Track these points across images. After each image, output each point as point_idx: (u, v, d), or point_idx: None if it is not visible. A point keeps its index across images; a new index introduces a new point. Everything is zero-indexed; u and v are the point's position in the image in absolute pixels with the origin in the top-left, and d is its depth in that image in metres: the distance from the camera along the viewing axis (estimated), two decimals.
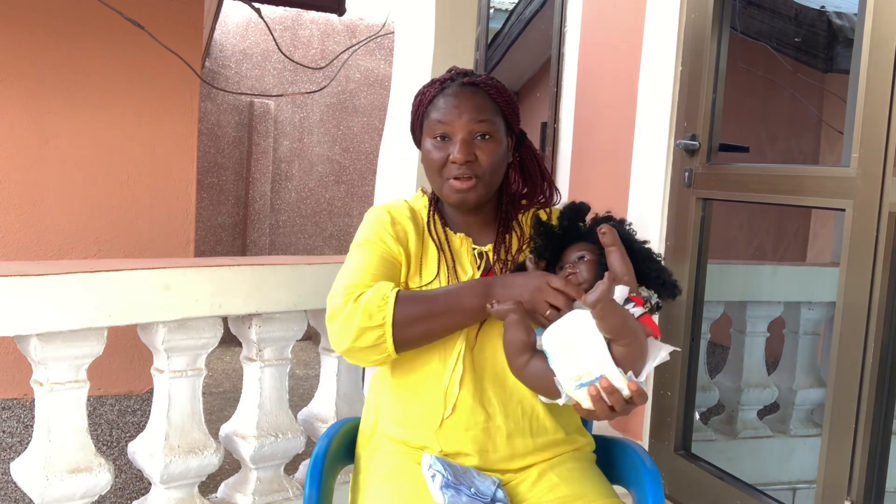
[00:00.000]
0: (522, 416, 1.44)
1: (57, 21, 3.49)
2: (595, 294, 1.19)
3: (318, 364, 2.32)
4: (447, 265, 1.48)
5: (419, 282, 1.47)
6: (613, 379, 1.21)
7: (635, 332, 1.23)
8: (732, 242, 4.53)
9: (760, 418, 2.96)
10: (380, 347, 1.36)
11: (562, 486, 1.42)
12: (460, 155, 1.42)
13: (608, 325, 1.21)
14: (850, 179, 1.86)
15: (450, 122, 1.44)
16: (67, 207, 3.56)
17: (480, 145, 1.44)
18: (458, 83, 1.48)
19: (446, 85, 1.48)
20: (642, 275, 1.33)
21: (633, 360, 1.23)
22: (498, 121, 1.47)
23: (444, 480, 1.31)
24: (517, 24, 5.30)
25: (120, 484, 3.47)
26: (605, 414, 1.24)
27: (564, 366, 1.24)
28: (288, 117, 6.79)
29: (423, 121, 1.49)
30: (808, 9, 4.39)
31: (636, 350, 1.23)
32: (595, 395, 1.22)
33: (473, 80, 1.48)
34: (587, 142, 3.09)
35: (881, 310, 1.78)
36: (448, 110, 1.44)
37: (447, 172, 1.45)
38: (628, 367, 1.22)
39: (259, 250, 6.67)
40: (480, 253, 1.51)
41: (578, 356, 1.22)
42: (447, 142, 1.45)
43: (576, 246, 1.39)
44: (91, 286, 1.72)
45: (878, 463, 1.83)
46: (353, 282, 1.41)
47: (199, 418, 1.98)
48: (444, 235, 1.51)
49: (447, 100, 1.45)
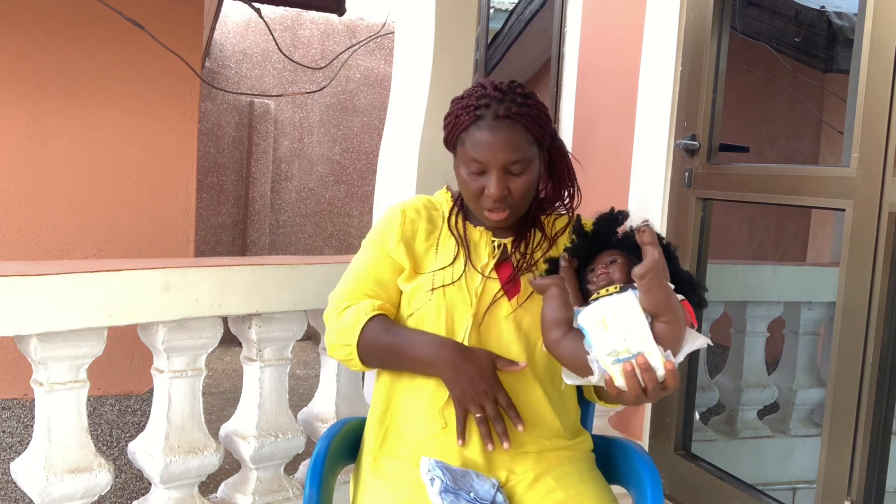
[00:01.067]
0: (522, 409, 1.44)
1: (57, 21, 3.49)
2: (644, 266, 1.21)
3: (318, 364, 2.32)
4: (464, 253, 1.52)
5: (432, 266, 1.51)
6: (651, 356, 1.22)
7: (677, 310, 1.25)
8: (732, 242, 4.53)
9: (760, 418, 2.96)
10: (350, 362, 1.51)
11: (558, 490, 1.42)
12: (496, 192, 1.44)
13: (653, 299, 1.22)
14: (850, 179, 1.86)
15: (485, 161, 1.44)
16: (67, 207, 3.56)
17: (514, 179, 1.45)
18: (493, 114, 1.43)
19: (481, 114, 1.44)
20: (674, 275, 1.34)
21: (673, 339, 1.24)
22: (531, 150, 1.46)
23: (442, 485, 1.31)
24: (517, 24, 5.29)
25: (120, 484, 3.47)
26: (635, 393, 1.24)
27: (602, 342, 1.24)
28: (288, 117, 6.79)
29: (457, 144, 1.49)
30: (808, 9, 4.39)
31: (676, 329, 1.24)
32: (630, 371, 1.23)
33: (509, 113, 1.43)
34: (587, 142, 3.09)
35: (881, 310, 1.78)
36: (483, 149, 1.43)
37: (483, 203, 1.47)
38: (667, 346, 1.23)
39: (259, 250, 6.67)
40: (499, 245, 1.53)
41: (618, 332, 1.23)
42: (482, 175, 1.46)
43: (608, 252, 1.40)
44: (91, 286, 1.72)
45: (878, 463, 1.83)
46: (346, 289, 1.54)
47: (199, 418, 1.98)
48: (464, 228, 1.56)
49: (482, 135, 1.43)
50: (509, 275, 1.51)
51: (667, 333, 1.23)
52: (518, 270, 1.50)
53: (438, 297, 1.47)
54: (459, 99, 1.49)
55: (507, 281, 1.50)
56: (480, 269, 1.50)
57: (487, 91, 1.45)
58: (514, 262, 1.52)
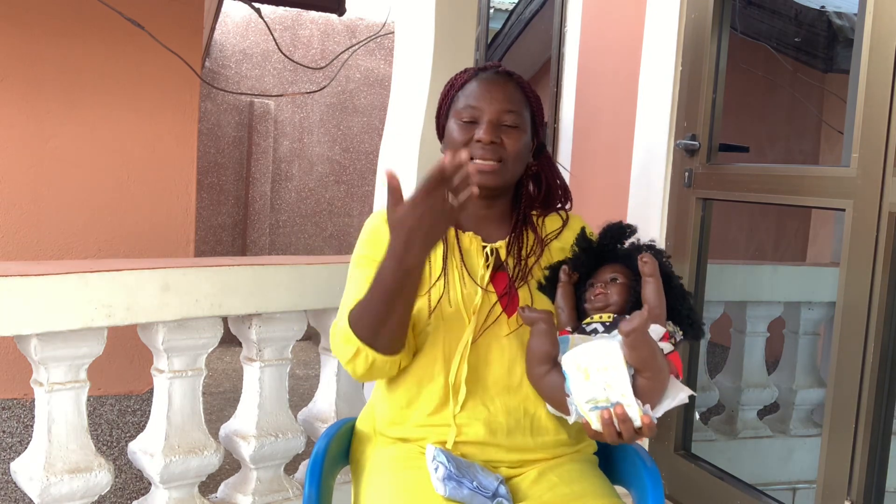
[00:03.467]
0: (524, 415, 1.44)
1: (57, 21, 3.49)
2: (631, 324, 1.18)
3: (318, 364, 2.32)
4: (456, 264, 1.47)
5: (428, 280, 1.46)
6: (629, 409, 1.21)
7: (662, 368, 1.23)
8: (732, 242, 4.53)
9: (760, 418, 2.96)
10: (375, 364, 1.38)
11: (562, 485, 1.42)
12: (486, 135, 1.42)
13: (637, 356, 1.20)
14: (850, 179, 1.86)
15: (479, 107, 1.44)
16: (67, 207, 3.56)
17: (507, 132, 1.45)
18: (491, 72, 1.50)
19: (479, 73, 1.50)
20: (673, 310, 1.32)
21: (653, 394, 1.23)
22: (526, 115, 1.49)
23: (446, 472, 1.31)
24: (517, 24, 5.29)
25: (120, 484, 3.47)
26: (612, 438, 1.25)
27: (582, 390, 1.23)
28: (288, 117, 6.79)
29: (451, 106, 1.49)
30: (808, 9, 4.39)
31: (658, 385, 1.23)
32: (607, 419, 1.23)
33: (506, 70, 1.50)
34: (587, 142, 3.09)
35: (881, 310, 1.78)
36: (479, 95, 1.45)
37: (472, 151, 1.42)
38: (647, 401, 1.22)
39: (259, 250, 6.67)
40: (492, 251, 1.50)
41: (599, 383, 1.22)
42: (473, 125, 1.45)
43: (611, 266, 1.38)
44: (91, 286, 1.72)
45: (878, 463, 1.83)
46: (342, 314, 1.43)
47: (199, 418, 1.98)
48: (455, 233, 1.50)
49: (479, 84, 1.47)
50: (505, 286, 1.47)
51: (648, 389, 1.22)
52: (514, 280, 1.47)
53: (437, 319, 1.43)
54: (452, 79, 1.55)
55: (504, 293, 1.46)
56: (478, 281, 1.46)
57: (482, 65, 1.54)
58: (509, 266, 1.49)
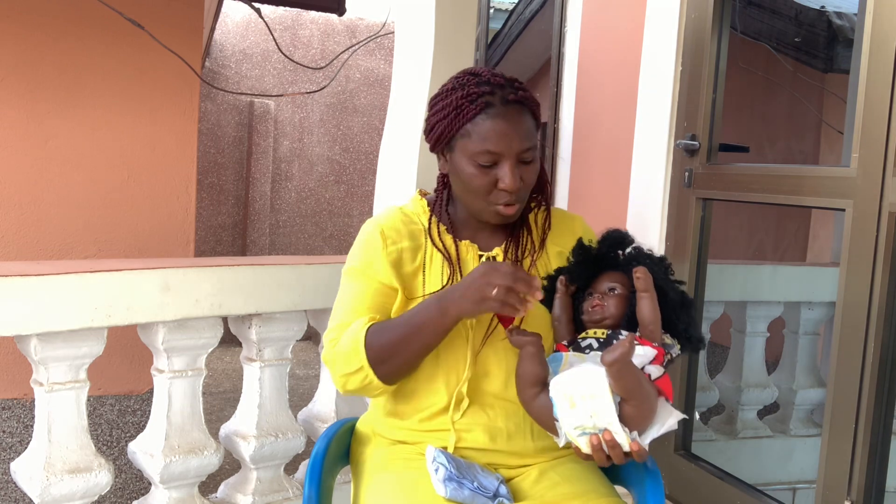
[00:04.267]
0: (524, 419, 1.44)
1: (57, 21, 3.49)
2: (613, 354, 1.16)
3: (318, 364, 2.32)
4: (455, 274, 1.44)
5: (423, 291, 1.44)
6: (617, 436, 1.21)
7: (648, 395, 1.22)
8: (732, 242, 4.53)
9: (760, 418, 2.96)
10: (369, 387, 1.37)
11: (563, 484, 1.41)
12: (512, 183, 1.34)
13: (622, 386, 1.19)
14: (850, 179, 1.86)
15: (499, 151, 1.33)
16: (67, 207, 3.57)
17: (524, 168, 1.37)
18: (501, 100, 1.34)
19: (489, 101, 1.34)
20: (670, 323, 1.30)
21: (641, 422, 1.22)
22: (536, 137, 1.40)
23: (447, 473, 1.31)
24: (517, 24, 5.29)
25: (120, 484, 3.47)
26: (601, 462, 1.25)
27: (569, 417, 1.23)
28: (288, 117, 6.79)
29: (457, 139, 1.37)
30: (808, 9, 4.39)
31: (646, 413, 1.22)
32: (596, 444, 1.22)
33: (518, 97, 1.35)
34: (587, 142, 3.09)
35: (881, 310, 1.78)
36: (498, 138, 1.33)
37: (495, 199, 1.37)
38: (634, 428, 1.22)
39: (259, 250, 6.67)
40: (488, 258, 1.48)
41: (585, 410, 1.21)
42: (493, 167, 1.35)
43: (609, 275, 1.35)
44: (91, 286, 1.72)
45: (878, 463, 1.82)
46: (340, 325, 1.41)
47: (199, 418, 1.98)
48: (454, 243, 1.47)
49: (495, 124, 1.33)
50: None
51: (635, 416, 1.21)
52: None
53: None
54: (452, 90, 1.39)
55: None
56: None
57: (485, 77, 1.37)
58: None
